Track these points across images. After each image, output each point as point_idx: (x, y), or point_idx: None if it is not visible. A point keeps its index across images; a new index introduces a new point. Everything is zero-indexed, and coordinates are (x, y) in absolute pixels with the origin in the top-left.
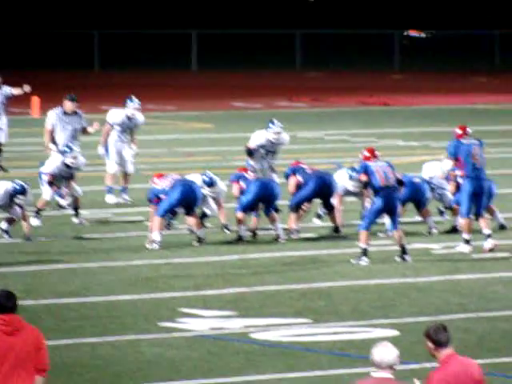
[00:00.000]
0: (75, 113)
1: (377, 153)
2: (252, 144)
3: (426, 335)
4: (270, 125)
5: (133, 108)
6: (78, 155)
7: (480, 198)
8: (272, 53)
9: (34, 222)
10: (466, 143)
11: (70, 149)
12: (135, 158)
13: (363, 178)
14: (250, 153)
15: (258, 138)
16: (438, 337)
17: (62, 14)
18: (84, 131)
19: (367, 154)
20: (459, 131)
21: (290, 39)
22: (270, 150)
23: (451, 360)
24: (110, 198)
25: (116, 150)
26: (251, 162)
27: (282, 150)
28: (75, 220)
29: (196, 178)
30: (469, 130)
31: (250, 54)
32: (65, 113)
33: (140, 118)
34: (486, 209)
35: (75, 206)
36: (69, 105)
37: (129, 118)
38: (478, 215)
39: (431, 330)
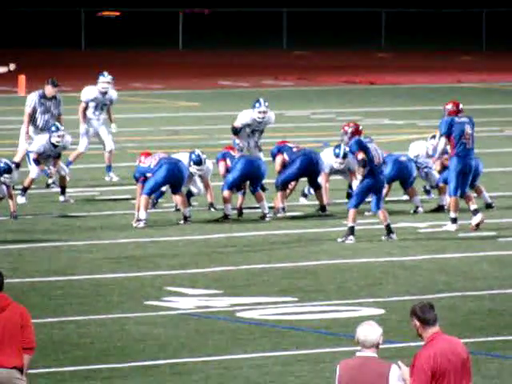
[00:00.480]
0: (55, 97)
1: (361, 127)
2: (238, 123)
3: (413, 313)
4: (256, 104)
5: (104, 82)
6: (65, 134)
7: (467, 177)
8: (259, 31)
9: (20, 200)
10: (458, 121)
11: (57, 128)
12: (115, 136)
13: (361, 155)
14: (236, 131)
15: (243, 117)
16: (424, 315)
17: None
18: (59, 117)
19: (354, 128)
20: (452, 107)
21: (276, 18)
22: (256, 128)
23: (437, 338)
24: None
25: (93, 129)
26: (237, 141)
27: (268, 128)
28: (61, 198)
29: (184, 157)
30: (461, 105)
31: (236, 32)
32: (44, 97)
33: (113, 93)
34: (472, 187)
35: (61, 185)
36: (49, 89)
37: (102, 94)
38: (463, 193)
39: (418, 308)
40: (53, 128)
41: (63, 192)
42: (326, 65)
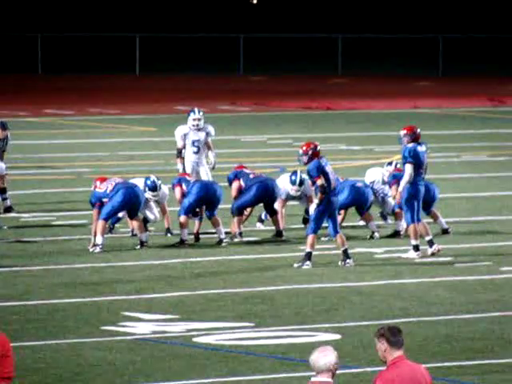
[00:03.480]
0: (6, 138)
1: (319, 148)
2: (178, 141)
3: (381, 335)
4: (191, 113)
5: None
6: None
7: (419, 203)
8: (215, 56)
9: None
10: (420, 151)
11: None
12: (73, 161)
13: (320, 181)
14: (180, 152)
15: (179, 131)
16: (395, 337)
17: (5, 17)
18: (3, 152)
19: (314, 148)
20: (413, 133)
21: (233, 43)
22: (195, 138)
23: (400, 362)
24: None
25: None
26: (178, 166)
27: (224, 154)
28: None
29: (139, 182)
30: (418, 130)
31: (193, 58)
32: None
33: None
34: (428, 213)
35: None
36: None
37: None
38: (418, 220)
39: (387, 330)
40: None
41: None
42: (283, 90)
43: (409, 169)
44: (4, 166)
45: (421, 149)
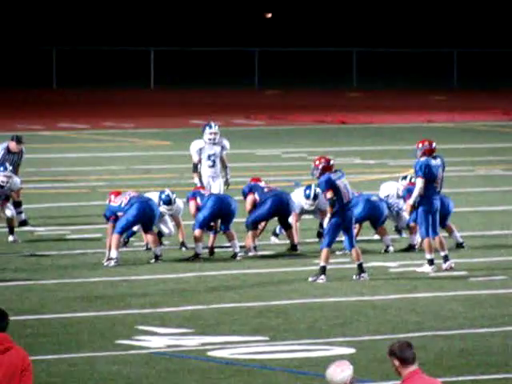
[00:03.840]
0: (21, 151)
1: (332, 162)
2: (194, 156)
3: (392, 353)
4: (207, 127)
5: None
6: (12, 175)
7: (435, 217)
8: (230, 70)
9: None
10: (434, 165)
11: (5, 168)
12: (86, 175)
13: (330, 194)
14: (196, 166)
15: (195, 146)
16: (404, 354)
17: (19, 31)
18: (18, 166)
19: (325, 163)
20: (426, 146)
21: (248, 57)
22: (211, 153)
23: (415, 377)
24: None
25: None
26: (195, 181)
27: (239, 167)
28: (10, 238)
29: (154, 196)
30: (434, 144)
31: (208, 71)
32: (9, 151)
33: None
34: (443, 227)
35: (9, 225)
36: (14, 145)
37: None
38: (435, 234)
39: (396, 347)
40: (0, 168)
41: (12, 232)
42: (298, 104)
43: (419, 183)
44: (19, 180)
45: (434, 162)
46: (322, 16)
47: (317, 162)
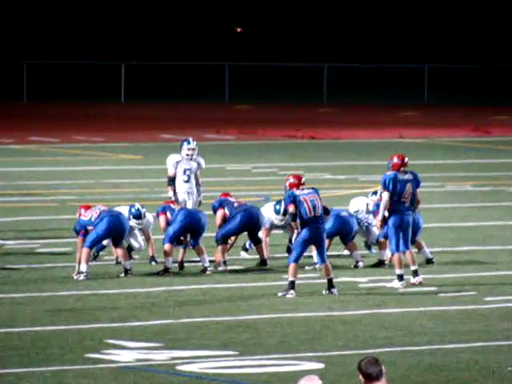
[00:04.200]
0: None
1: (303, 179)
2: (170, 169)
3: (358, 368)
4: (185, 142)
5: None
6: None
7: (406, 232)
8: (201, 85)
9: None
10: (402, 179)
11: None
12: (54, 188)
13: (291, 209)
14: (172, 180)
15: (171, 159)
16: (367, 370)
17: None
18: None
19: (293, 180)
20: (397, 161)
21: (219, 71)
22: (188, 167)
23: None
24: None
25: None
26: (169, 194)
27: (209, 182)
28: None
29: (124, 210)
30: (406, 159)
31: (178, 86)
32: None
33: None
34: (413, 243)
35: None
36: None
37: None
38: (405, 250)
39: (362, 363)
40: None
41: None
42: (268, 119)
43: (385, 196)
44: None
45: (402, 177)
46: (292, 31)
47: (286, 178)
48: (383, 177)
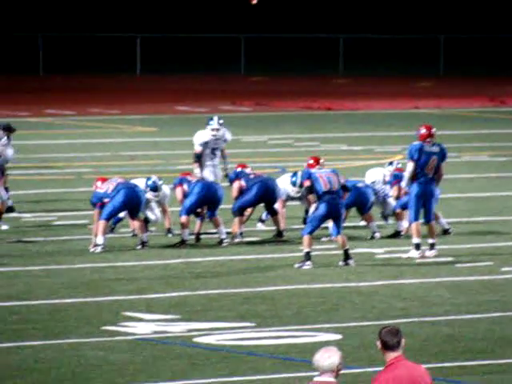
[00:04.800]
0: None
1: (322, 161)
2: (196, 147)
3: (379, 334)
4: (210, 122)
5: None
6: (8, 148)
7: (429, 203)
8: (217, 57)
9: None
10: (427, 151)
11: None
12: (71, 161)
13: (307, 183)
14: (198, 157)
15: (198, 137)
16: (385, 338)
17: (3, 18)
18: None
19: (312, 161)
20: (424, 131)
21: (234, 43)
22: (215, 146)
23: (397, 363)
24: None
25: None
26: (196, 170)
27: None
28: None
29: (140, 183)
30: (433, 130)
31: (194, 58)
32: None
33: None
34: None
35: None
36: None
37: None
38: (428, 220)
39: (383, 330)
40: None
41: None
42: (284, 90)
43: (409, 166)
44: (11, 152)
45: (429, 149)
46: (308, 2)
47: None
48: (410, 146)
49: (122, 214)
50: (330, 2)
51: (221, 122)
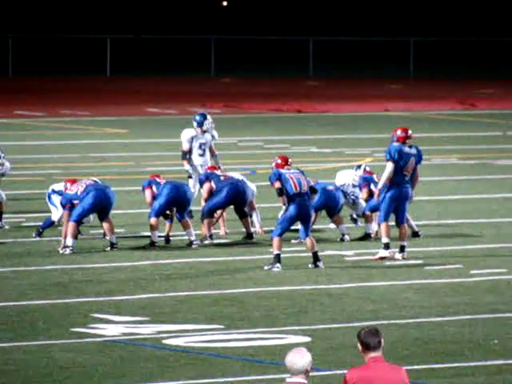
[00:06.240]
0: None
1: (290, 161)
2: (184, 144)
3: (357, 336)
4: (196, 119)
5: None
6: (5, 161)
7: (403, 205)
8: (187, 58)
9: None
10: (406, 152)
11: None
12: (39, 163)
13: (277, 184)
14: (185, 154)
15: (185, 134)
16: (366, 339)
17: None
18: None
19: (280, 161)
20: (401, 133)
21: (204, 45)
22: (203, 141)
23: (374, 363)
24: None
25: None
26: (186, 167)
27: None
28: None
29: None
30: (410, 132)
31: (164, 59)
32: None
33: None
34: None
35: None
36: None
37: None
38: (400, 222)
39: (363, 331)
40: None
41: (0, 217)
42: (254, 92)
43: (388, 167)
44: (9, 166)
45: (407, 150)
46: (278, 4)
47: (274, 159)
48: (388, 148)
49: (91, 216)
50: (300, 4)
51: (209, 117)
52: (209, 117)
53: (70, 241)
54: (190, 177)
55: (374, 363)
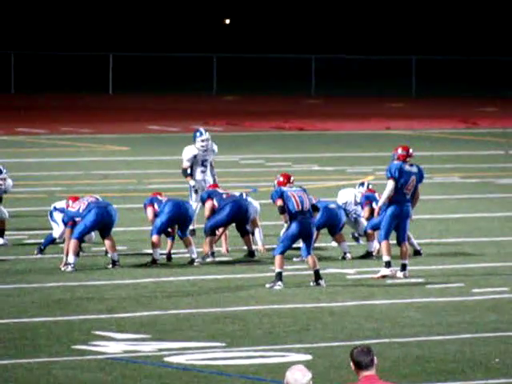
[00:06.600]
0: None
1: (292, 178)
2: (185, 162)
3: (350, 355)
4: (197, 133)
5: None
6: (7, 178)
7: (404, 223)
8: (189, 76)
9: None
10: (407, 170)
11: (0, 171)
12: (41, 180)
13: (279, 202)
14: (186, 172)
15: (187, 153)
16: (357, 358)
17: None
18: None
19: (282, 179)
20: (401, 152)
21: (207, 63)
22: (204, 159)
23: (368, 382)
24: None
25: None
26: (191, 183)
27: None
28: (0, 241)
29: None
30: (411, 150)
31: (166, 77)
32: None
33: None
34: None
35: (1, 228)
36: None
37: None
38: (401, 241)
39: (355, 350)
40: None
41: (2, 235)
42: (256, 110)
43: (389, 185)
44: (11, 183)
45: (408, 169)
46: (280, 22)
47: (276, 177)
48: (389, 166)
49: (92, 233)
50: (303, 22)
51: (207, 134)
52: (205, 133)
53: (71, 258)
54: (196, 191)
55: (368, 382)
